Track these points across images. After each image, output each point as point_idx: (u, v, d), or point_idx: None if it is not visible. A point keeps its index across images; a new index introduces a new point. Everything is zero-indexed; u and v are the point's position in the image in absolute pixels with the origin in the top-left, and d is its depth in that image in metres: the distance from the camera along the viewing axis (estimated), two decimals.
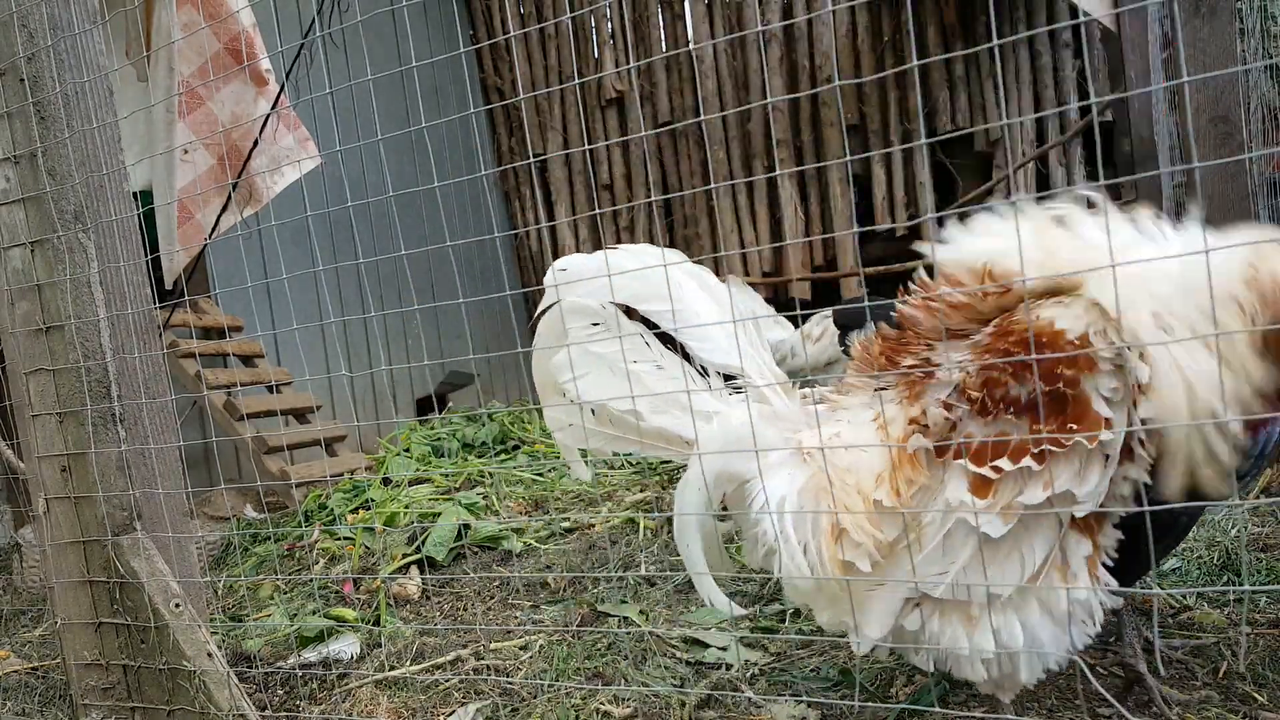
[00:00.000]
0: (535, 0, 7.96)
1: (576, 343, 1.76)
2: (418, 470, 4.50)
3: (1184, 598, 2.27)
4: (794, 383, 1.78)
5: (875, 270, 5.05)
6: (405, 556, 3.31)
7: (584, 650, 2.42)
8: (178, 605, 2.08)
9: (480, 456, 4.92)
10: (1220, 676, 1.92)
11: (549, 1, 7.89)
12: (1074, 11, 5.21)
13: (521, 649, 2.53)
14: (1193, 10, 2.71)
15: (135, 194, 2.34)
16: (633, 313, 1.74)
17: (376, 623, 2.84)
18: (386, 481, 4.32)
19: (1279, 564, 2.38)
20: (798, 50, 7.27)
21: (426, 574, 3.23)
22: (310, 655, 2.66)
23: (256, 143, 3.74)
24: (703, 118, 6.96)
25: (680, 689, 2.14)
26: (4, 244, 2.21)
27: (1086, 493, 1.37)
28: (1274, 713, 1.76)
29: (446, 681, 2.35)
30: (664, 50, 7.76)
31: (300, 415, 5.14)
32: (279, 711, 2.35)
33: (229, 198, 3.82)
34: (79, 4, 2.16)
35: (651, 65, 7.63)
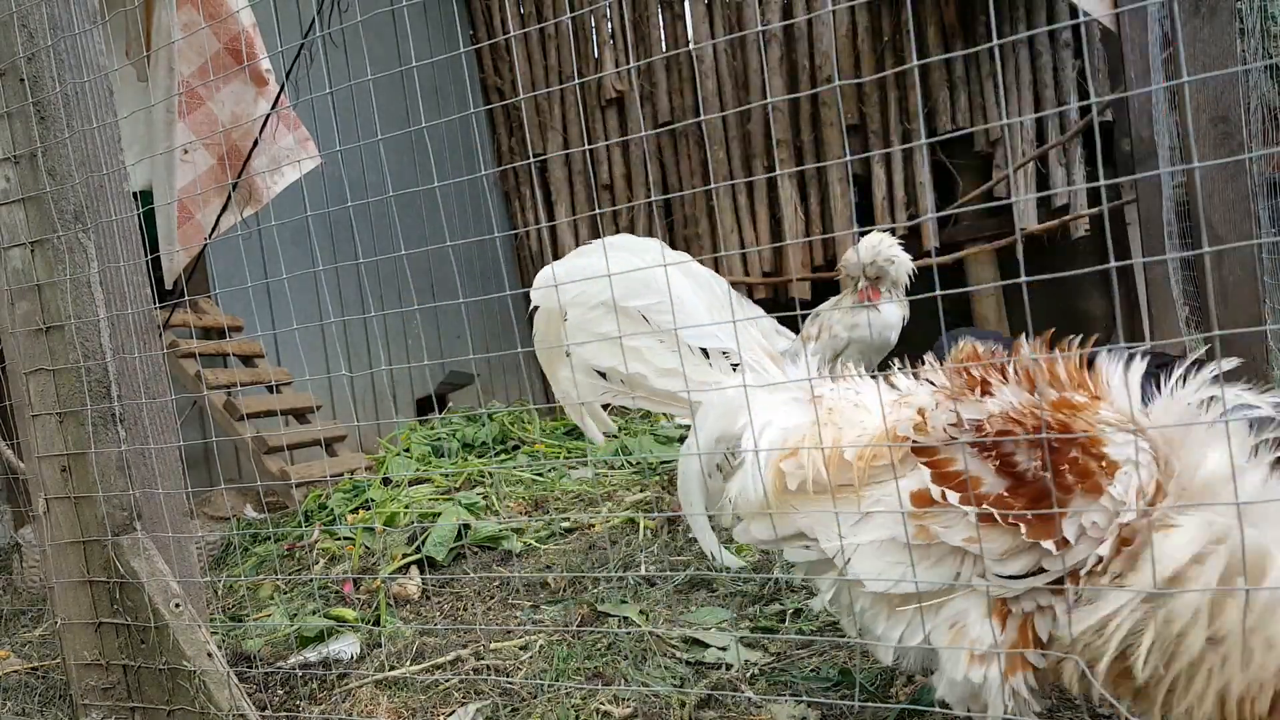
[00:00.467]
0: (535, 0, 7.96)
1: (576, 344, 1.86)
2: (418, 470, 4.50)
3: None
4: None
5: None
6: (405, 556, 3.31)
7: (584, 650, 2.42)
8: (178, 605, 2.08)
9: (480, 456, 4.92)
10: None
11: (549, 1, 7.89)
12: (1074, 11, 5.21)
13: (521, 649, 2.53)
14: (1193, 10, 2.71)
15: (135, 194, 2.34)
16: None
17: (376, 623, 2.84)
18: (386, 481, 4.32)
19: None
20: (798, 50, 7.27)
21: (426, 574, 3.23)
22: (310, 655, 2.66)
23: (256, 143, 3.74)
24: (703, 118, 6.96)
25: (680, 689, 2.14)
26: (4, 244, 2.21)
27: (998, 576, 1.40)
28: None
29: (446, 681, 2.35)
30: (664, 50, 7.76)
31: (300, 415, 5.14)
32: (279, 711, 2.35)
33: (229, 198, 3.82)
34: (79, 4, 2.16)
35: (651, 65, 7.63)
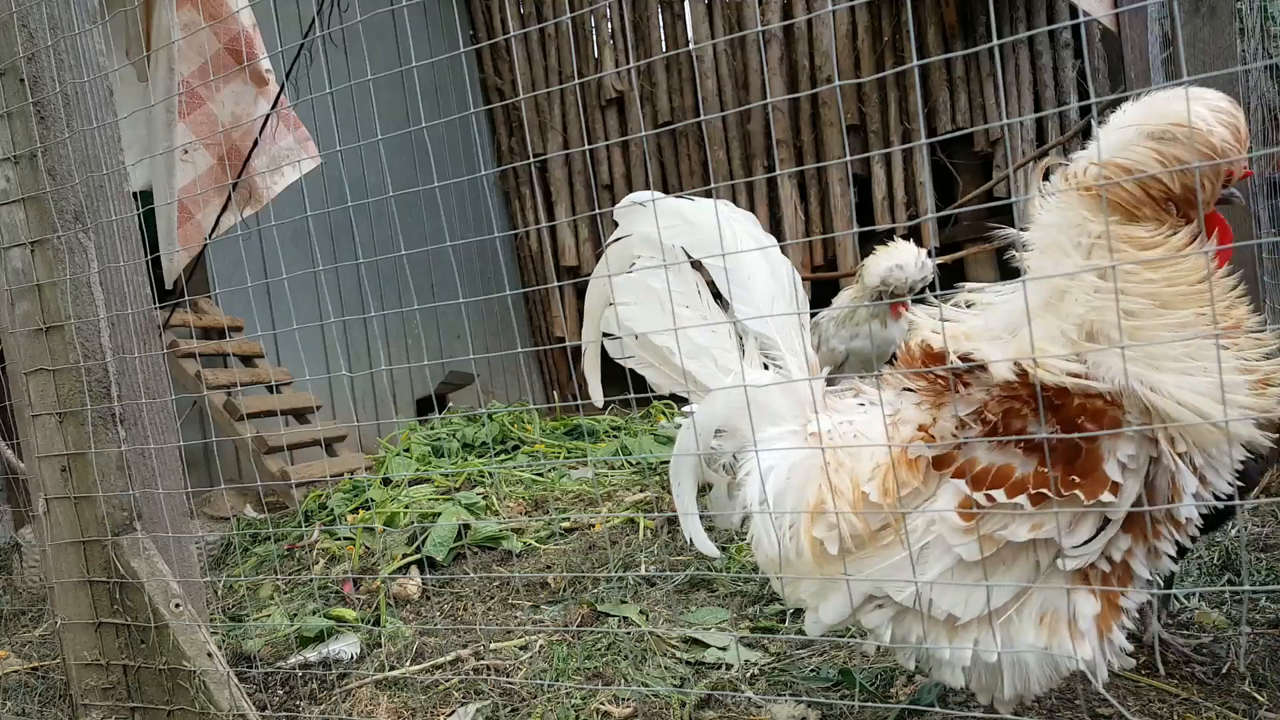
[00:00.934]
0: (535, 0, 7.96)
1: (641, 269, 1.81)
2: (418, 470, 4.50)
3: (1189, 598, 2.27)
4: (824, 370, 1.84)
5: None
6: (405, 556, 3.31)
7: (584, 650, 2.41)
8: (178, 605, 2.08)
9: (480, 456, 4.92)
10: (1221, 676, 1.92)
11: (549, 1, 7.89)
12: (1074, 11, 5.21)
13: (521, 649, 2.52)
14: (1193, 10, 2.71)
15: (135, 194, 2.34)
16: (698, 266, 1.80)
17: (376, 623, 2.84)
18: (386, 481, 4.32)
19: (1279, 564, 2.38)
20: (798, 50, 7.27)
21: (426, 574, 3.23)
22: (310, 655, 2.66)
23: (256, 143, 3.74)
24: (703, 118, 6.97)
25: (680, 689, 2.14)
26: (4, 244, 2.21)
27: (1072, 546, 1.38)
28: (1274, 713, 1.76)
29: (446, 681, 2.34)
30: (664, 50, 7.76)
31: (300, 415, 5.14)
32: (279, 711, 2.35)
33: (229, 198, 3.82)
34: (79, 4, 2.16)
35: (651, 65, 7.63)
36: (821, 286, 7.05)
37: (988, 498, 1.39)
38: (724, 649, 2.33)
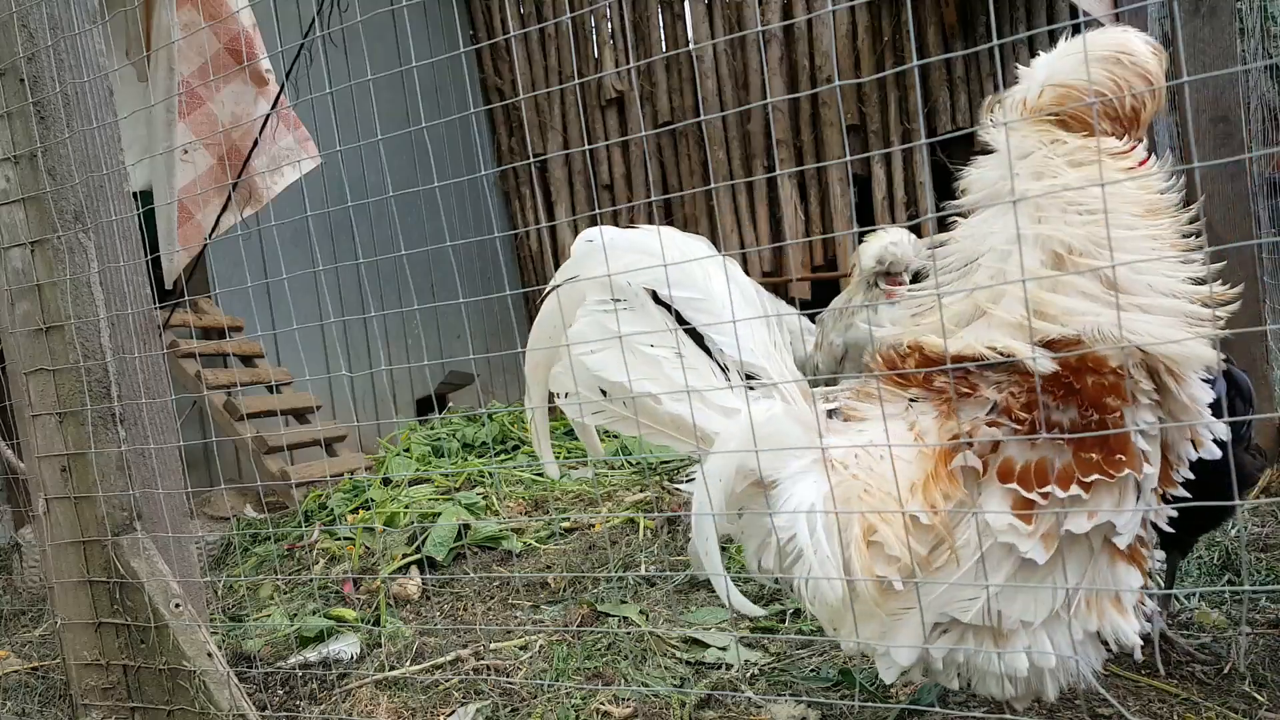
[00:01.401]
0: (535, 0, 7.96)
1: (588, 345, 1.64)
2: (418, 470, 4.50)
3: (1189, 598, 2.26)
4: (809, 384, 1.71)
5: None
6: (405, 556, 3.31)
7: (584, 650, 2.41)
8: (178, 605, 2.08)
9: (480, 456, 4.92)
10: (1221, 676, 1.92)
11: (549, 1, 7.89)
12: (1074, 11, 5.20)
13: (521, 649, 2.52)
14: (1193, 10, 2.71)
15: (135, 194, 2.34)
16: (656, 299, 1.63)
17: (376, 623, 2.84)
18: (386, 481, 4.32)
19: (1279, 564, 2.38)
20: (798, 50, 7.27)
21: (426, 574, 3.23)
22: (310, 655, 2.66)
23: (256, 143, 3.74)
24: (703, 118, 6.96)
25: (680, 689, 2.14)
26: (4, 244, 2.21)
27: (1124, 523, 1.38)
28: (1274, 713, 1.76)
29: (446, 681, 2.34)
30: (664, 50, 7.76)
31: (300, 415, 5.14)
32: (279, 711, 2.35)
33: (229, 198, 3.82)
34: (79, 4, 2.16)
35: (651, 65, 7.63)
36: (821, 286, 7.05)
37: (1044, 495, 1.36)
38: (724, 649, 2.33)
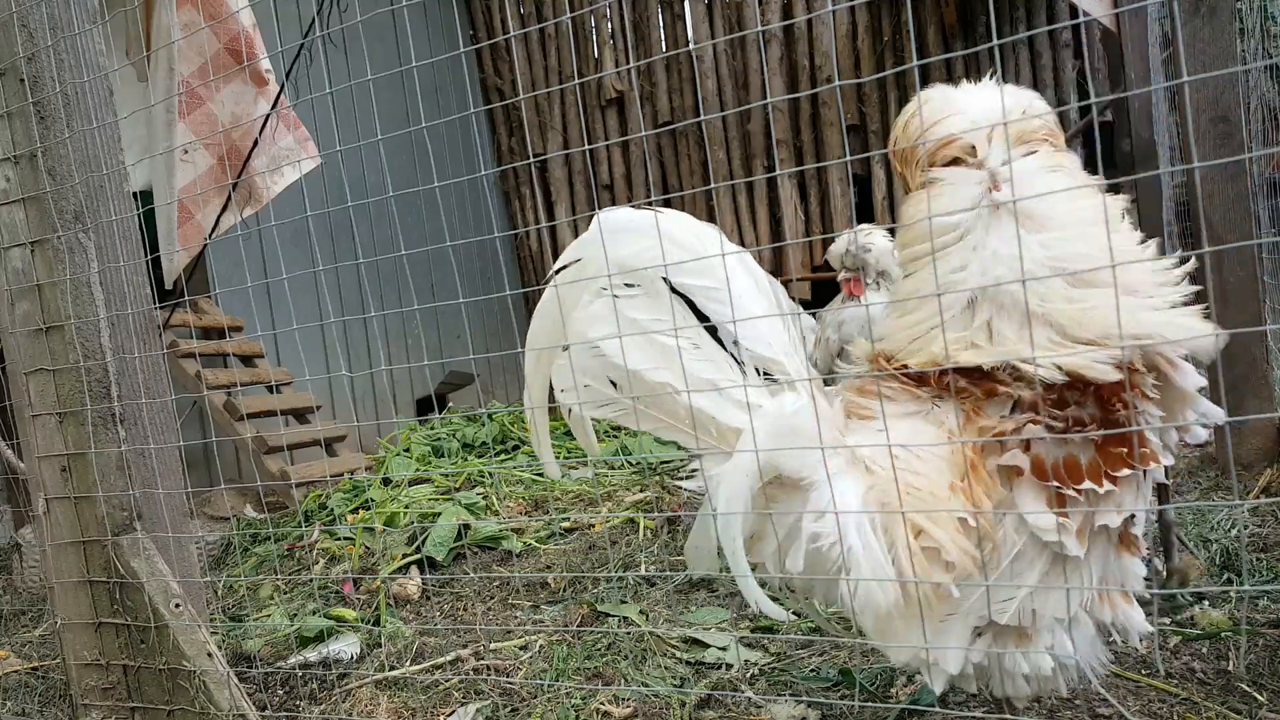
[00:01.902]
0: (535, 0, 7.96)
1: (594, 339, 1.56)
2: (418, 470, 4.50)
3: (1186, 598, 2.27)
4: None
5: None
6: (405, 556, 3.31)
7: (584, 650, 2.41)
8: (178, 605, 2.08)
9: (480, 456, 4.92)
10: (1221, 676, 1.92)
11: (549, 1, 7.89)
12: (1074, 11, 5.21)
13: (521, 649, 2.52)
14: (1193, 10, 2.71)
15: (135, 194, 2.34)
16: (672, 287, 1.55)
17: (376, 623, 2.84)
18: (386, 481, 4.32)
19: (1279, 564, 2.38)
20: (798, 50, 7.27)
21: (426, 574, 3.23)
22: (310, 655, 2.66)
23: (256, 143, 3.74)
24: (703, 118, 6.97)
25: (680, 689, 2.14)
26: (4, 244, 2.21)
27: (1141, 515, 1.42)
28: (1274, 713, 1.76)
29: (446, 681, 2.35)
30: (664, 50, 7.76)
31: (300, 415, 5.14)
32: (279, 711, 2.35)
33: (229, 198, 3.82)
34: (79, 4, 2.16)
35: (651, 65, 7.63)
36: (822, 286, 7.05)
37: (1080, 491, 1.36)
38: (724, 649, 2.33)
